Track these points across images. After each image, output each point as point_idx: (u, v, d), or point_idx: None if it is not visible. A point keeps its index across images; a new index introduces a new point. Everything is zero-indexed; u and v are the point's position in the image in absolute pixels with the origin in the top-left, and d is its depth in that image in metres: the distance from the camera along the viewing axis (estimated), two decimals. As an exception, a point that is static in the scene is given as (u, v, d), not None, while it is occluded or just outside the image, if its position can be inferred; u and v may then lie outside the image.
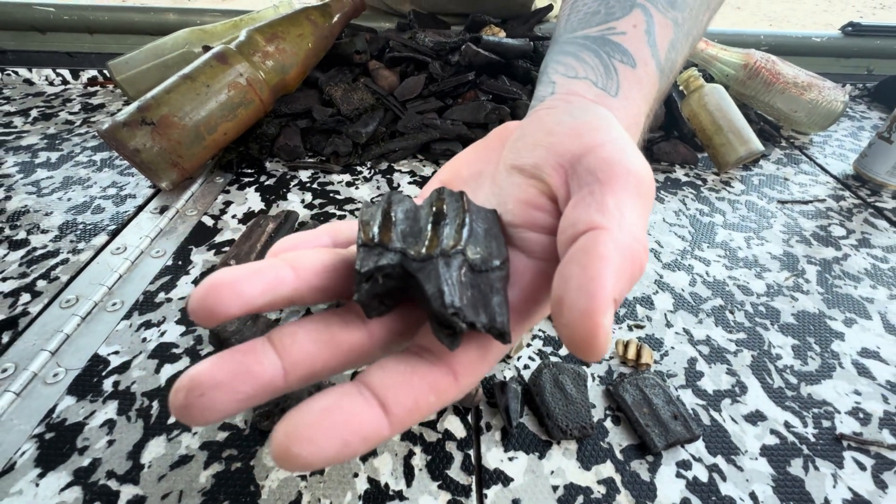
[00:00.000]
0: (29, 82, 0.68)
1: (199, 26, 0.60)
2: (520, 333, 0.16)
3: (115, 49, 0.71)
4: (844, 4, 5.07)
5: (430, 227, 0.14)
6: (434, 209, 0.15)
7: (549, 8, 0.65)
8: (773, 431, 0.28)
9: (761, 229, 0.46)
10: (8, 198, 0.45)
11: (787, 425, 0.29)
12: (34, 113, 0.61)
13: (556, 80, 0.21)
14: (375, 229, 0.14)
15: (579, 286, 0.12)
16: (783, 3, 5.03)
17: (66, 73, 0.68)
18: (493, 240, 0.15)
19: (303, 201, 0.47)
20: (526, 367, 0.32)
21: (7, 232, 0.41)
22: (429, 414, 0.13)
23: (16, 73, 0.68)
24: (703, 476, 0.26)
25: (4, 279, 0.36)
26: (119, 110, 0.62)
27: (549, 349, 0.33)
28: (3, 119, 0.59)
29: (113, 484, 0.25)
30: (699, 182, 0.53)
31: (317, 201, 0.47)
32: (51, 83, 0.68)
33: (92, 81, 0.68)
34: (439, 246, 0.14)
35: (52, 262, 0.38)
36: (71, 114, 0.61)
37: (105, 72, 0.68)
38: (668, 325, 0.35)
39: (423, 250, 0.14)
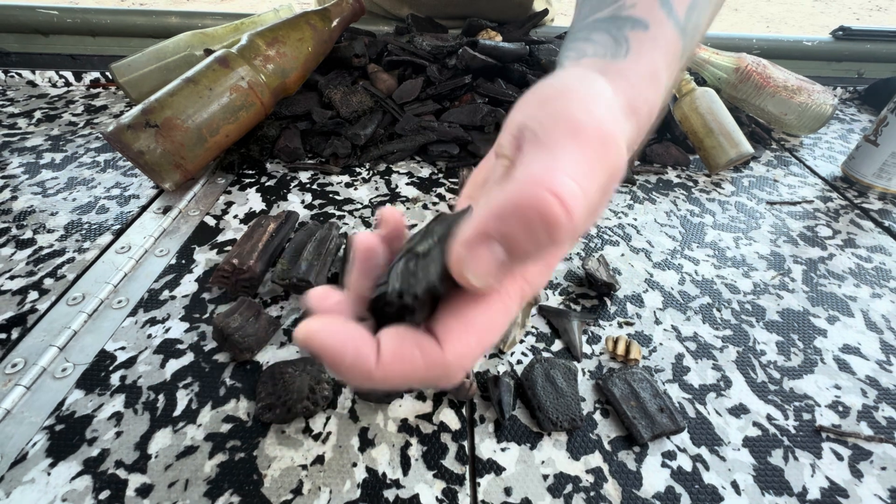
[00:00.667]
0: (32, 84, 0.69)
1: (201, 30, 0.61)
2: (510, 282, 0.17)
3: (116, 51, 0.72)
4: (841, 6, 5.10)
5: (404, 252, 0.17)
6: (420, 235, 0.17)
7: (545, 13, 0.66)
8: (755, 424, 0.30)
9: (750, 230, 0.47)
10: (14, 198, 0.46)
11: (769, 418, 0.30)
12: (38, 114, 0.62)
13: (566, 66, 0.21)
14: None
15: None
16: (780, 5, 5.06)
17: (68, 74, 0.69)
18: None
19: (303, 202, 0.48)
20: (519, 362, 0.33)
21: (14, 231, 0.42)
22: (415, 376, 0.15)
23: (19, 74, 0.69)
24: (688, 466, 0.27)
25: (12, 277, 0.37)
26: (121, 112, 0.63)
27: (541, 345, 0.34)
28: (8, 120, 0.60)
29: (121, 473, 0.26)
30: (690, 183, 0.54)
31: (316, 202, 0.48)
32: (53, 85, 0.69)
33: (94, 83, 0.69)
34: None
35: (59, 260, 0.39)
36: (74, 115, 0.62)
37: (107, 74, 0.69)
38: (657, 322, 0.36)
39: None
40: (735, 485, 0.26)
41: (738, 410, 0.30)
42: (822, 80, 0.78)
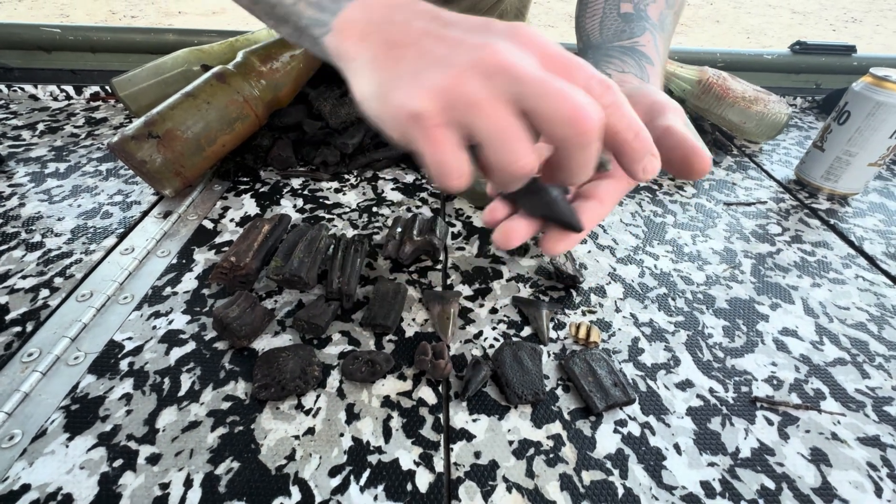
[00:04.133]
0: (34, 98, 0.72)
1: (198, 46, 0.64)
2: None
3: (116, 66, 0.75)
4: (818, 18, 5.27)
5: None
6: None
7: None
8: (698, 396, 0.33)
9: (707, 228, 0.51)
10: (22, 205, 0.49)
11: (711, 391, 0.34)
12: (41, 126, 0.65)
13: (610, 73, 0.35)
14: None
15: (677, 147, 0.25)
16: (760, 17, 5.21)
17: (69, 88, 0.72)
18: None
19: (294, 206, 0.51)
20: (491, 346, 0.36)
21: (24, 235, 0.45)
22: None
23: (21, 89, 0.72)
24: (637, 432, 0.31)
25: (25, 277, 0.40)
26: (121, 124, 0.66)
27: (512, 331, 0.38)
28: (13, 132, 0.63)
29: (132, 444, 0.29)
30: (655, 187, 0.58)
31: (307, 206, 0.51)
32: (55, 98, 0.72)
33: (94, 97, 0.73)
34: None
35: (67, 261, 0.42)
36: (76, 127, 0.65)
37: (107, 87, 0.72)
38: (618, 310, 0.40)
39: None
40: (677, 446, 0.30)
41: (685, 385, 0.34)
42: (782, 90, 0.84)
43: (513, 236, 0.26)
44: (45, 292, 0.39)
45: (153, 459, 0.28)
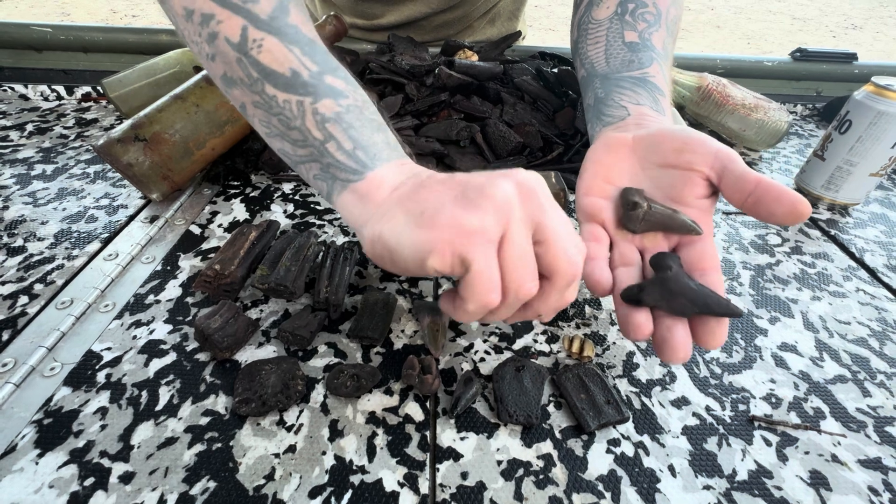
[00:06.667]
0: (24, 98, 0.71)
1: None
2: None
3: (108, 66, 0.74)
4: (818, 24, 5.28)
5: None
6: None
7: (518, 34, 0.70)
8: (694, 414, 0.32)
9: (705, 238, 0.50)
10: (5, 208, 0.48)
11: (708, 409, 0.33)
12: (29, 127, 0.64)
13: (626, 106, 0.36)
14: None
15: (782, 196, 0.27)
16: (761, 23, 5.22)
17: (60, 89, 0.71)
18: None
19: (285, 212, 0.50)
20: (482, 359, 0.35)
21: (5, 240, 0.44)
22: None
23: (11, 88, 0.71)
24: (630, 452, 0.30)
25: (3, 283, 0.39)
26: (112, 125, 0.65)
27: (503, 344, 0.36)
28: (0, 133, 0.62)
29: (105, 462, 0.28)
30: (653, 195, 0.57)
31: (298, 212, 0.50)
32: (45, 98, 0.71)
33: (86, 97, 0.72)
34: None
35: (49, 267, 0.41)
36: (65, 128, 0.64)
37: (98, 88, 0.71)
38: (613, 323, 0.39)
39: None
40: (671, 468, 0.29)
41: (680, 402, 0.33)
42: (783, 97, 0.83)
43: (682, 350, 0.27)
44: (23, 299, 0.38)
45: (126, 478, 0.27)
